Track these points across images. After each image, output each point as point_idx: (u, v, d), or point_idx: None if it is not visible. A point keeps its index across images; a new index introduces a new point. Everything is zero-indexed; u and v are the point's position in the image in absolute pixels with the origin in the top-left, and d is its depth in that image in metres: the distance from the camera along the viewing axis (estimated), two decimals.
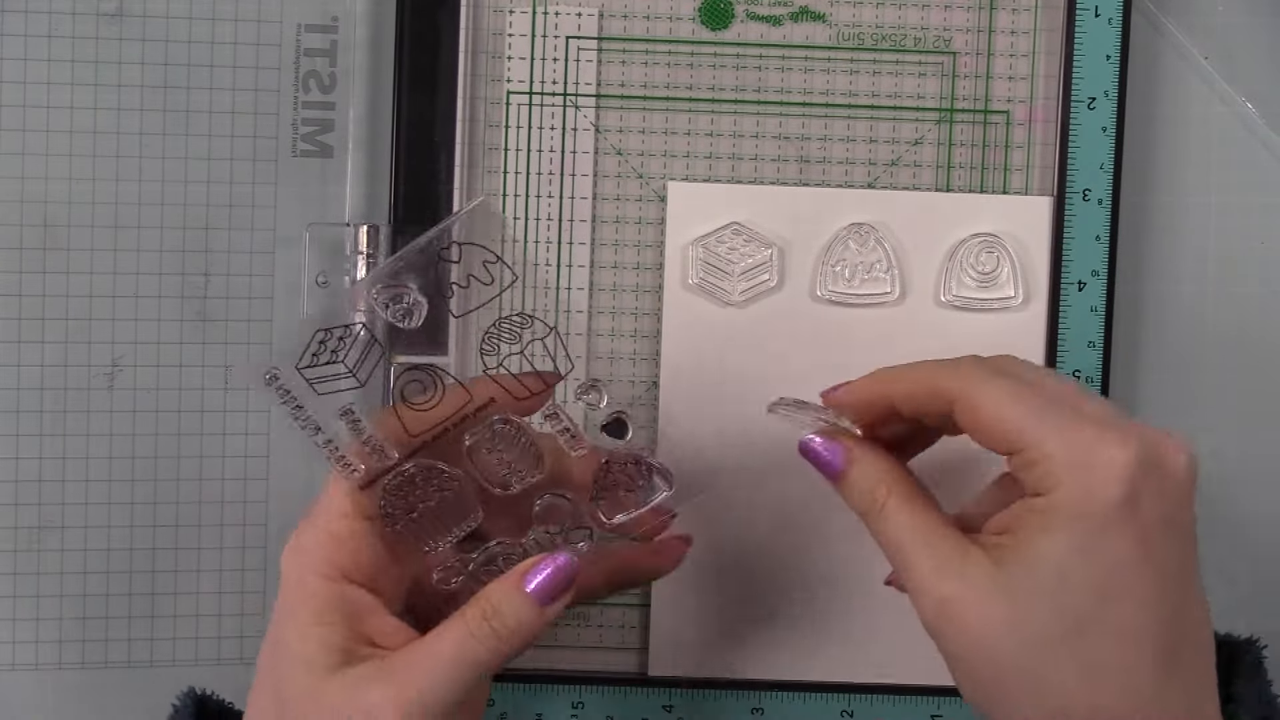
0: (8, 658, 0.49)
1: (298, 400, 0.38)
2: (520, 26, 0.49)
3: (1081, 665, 0.35)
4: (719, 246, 0.48)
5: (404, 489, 0.39)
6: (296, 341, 0.38)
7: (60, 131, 0.49)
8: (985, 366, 0.38)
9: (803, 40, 0.49)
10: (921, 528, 0.38)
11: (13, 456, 0.49)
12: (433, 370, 0.39)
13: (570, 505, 0.41)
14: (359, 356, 0.38)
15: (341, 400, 0.39)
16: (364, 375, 0.38)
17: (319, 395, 0.38)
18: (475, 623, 0.38)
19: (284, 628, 0.39)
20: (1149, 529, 0.35)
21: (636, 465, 0.41)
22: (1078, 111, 0.48)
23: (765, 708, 0.49)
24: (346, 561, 0.39)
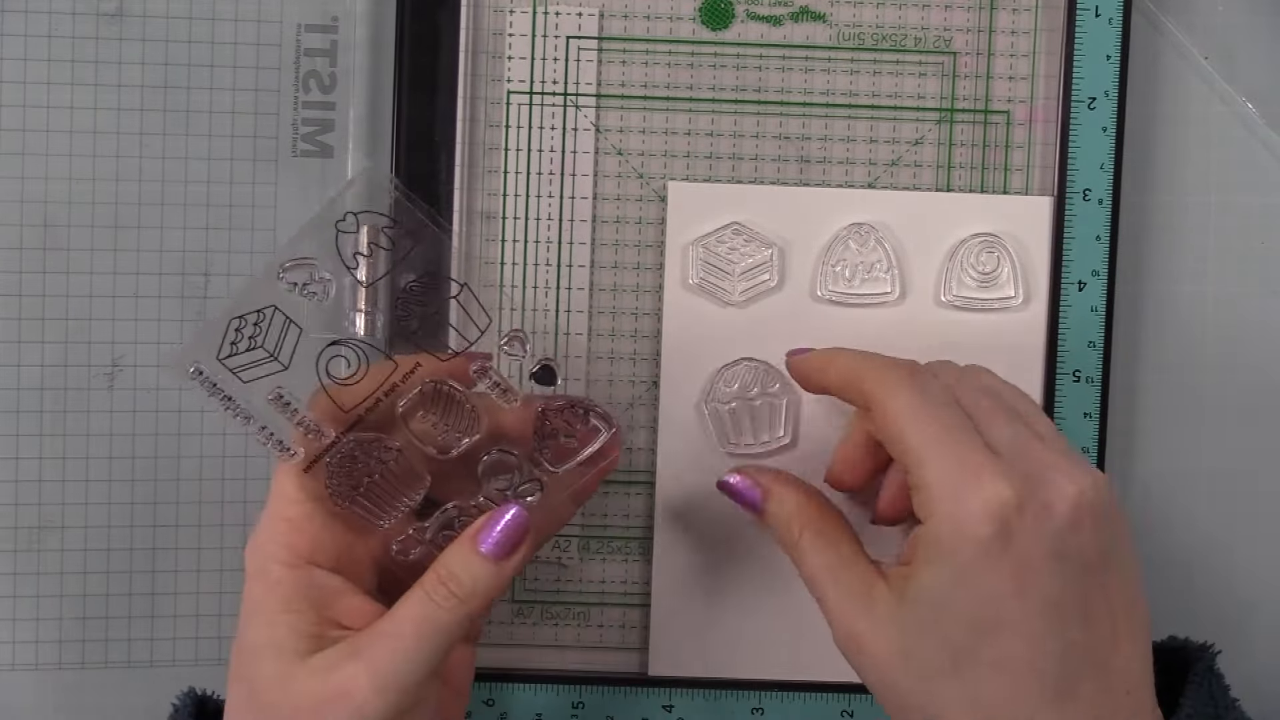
0: (8, 658, 0.49)
1: (225, 391, 0.38)
2: (520, 26, 0.49)
3: (966, 698, 0.35)
4: (719, 246, 0.48)
5: (346, 465, 0.39)
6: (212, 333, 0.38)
7: (60, 131, 0.49)
8: (905, 375, 0.39)
9: (803, 40, 0.49)
10: (832, 563, 0.39)
11: (13, 456, 0.49)
12: (353, 343, 0.39)
13: (515, 459, 0.41)
14: (277, 339, 0.38)
15: (268, 385, 0.39)
16: (285, 357, 0.38)
17: (245, 384, 0.38)
18: (434, 588, 0.38)
19: (252, 619, 0.39)
20: (1027, 563, 0.35)
21: (573, 409, 0.41)
22: (1078, 111, 0.48)
23: (765, 708, 0.49)
24: (306, 545, 0.39)
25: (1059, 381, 0.48)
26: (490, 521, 0.39)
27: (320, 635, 0.38)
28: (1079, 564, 0.36)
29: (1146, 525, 0.51)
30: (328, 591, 0.39)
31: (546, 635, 0.50)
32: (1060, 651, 0.35)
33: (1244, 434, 0.51)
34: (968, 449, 0.36)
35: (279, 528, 0.39)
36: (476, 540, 0.39)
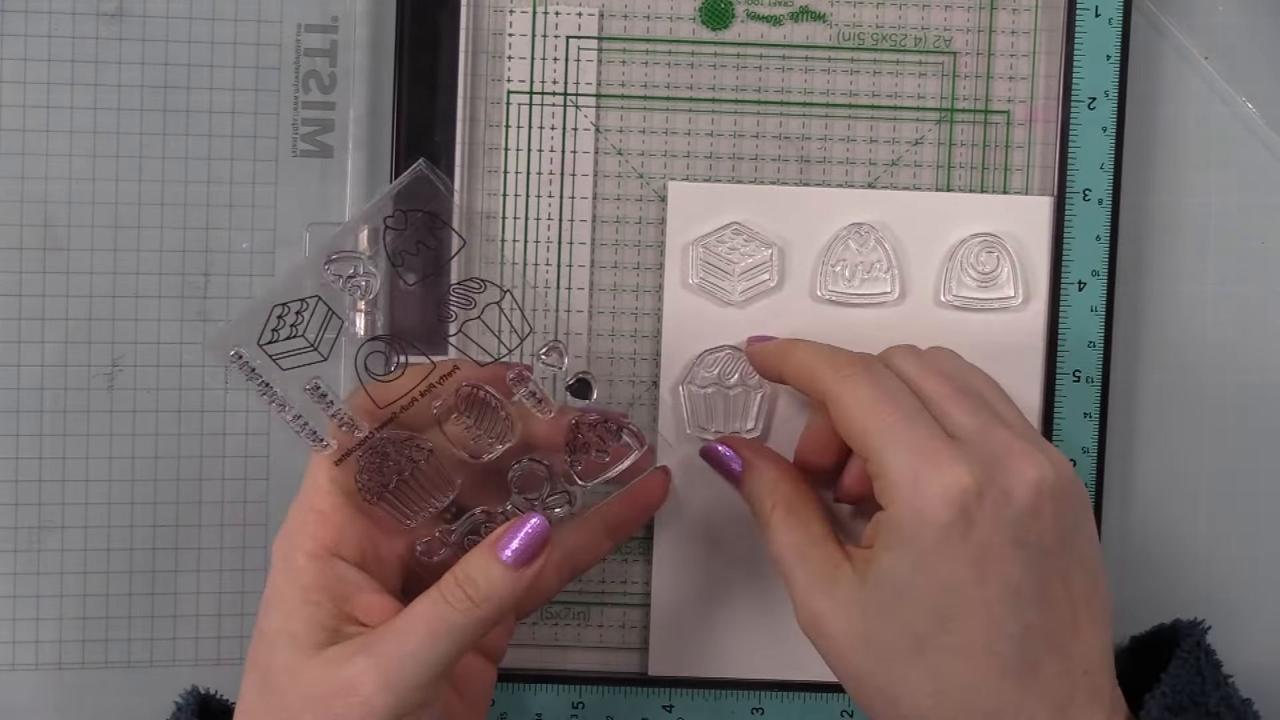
0: (8, 658, 0.49)
1: (264, 377, 0.38)
2: (520, 26, 0.49)
3: (929, 680, 0.36)
4: (719, 246, 0.48)
5: (377, 462, 0.39)
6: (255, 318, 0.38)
7: (60, 131, 0.49)
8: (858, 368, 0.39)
9: (803, 40, 0.49)
10: (800, 542, 0.40)
11: (13, 456, 0.49)
12: (393, 340, 0.39)
13: (545, 470, 0.41)
14: (319, 330, 0.38)
15: (307, 375, 0.39)
16: (325, 349, 0.38)
17: (284, 371, 0.38)
18: (450, 590, 0.38)
19: (272, 608, 0.39)
20: (987, 549, 0.35)
21: (605, 424, 0.41)
22: (1078, 111, 0.48)
23: (765, 708, 0.49)
24: (333, 538, 0.39)
25: (1059, 381, 0.48)
26: (512, 529, 0.39)
27: (336, 629, 0.38)
28: (1038, 549, 0.36)
29: (1146, 525, 0.51)
30: (348, 585, 0.39)
31: (546, 635, 0.50)
32: (1019, 635, 0.36)
33: (1244, 434, 0.51)
34: (925, 436, 0.37)
35: (307, 518, 0.39)
36: (496, 546, 0.39)
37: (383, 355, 0.39)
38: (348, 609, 0.39)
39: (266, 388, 0.38)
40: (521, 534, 0.39)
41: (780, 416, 0.48)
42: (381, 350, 0.39)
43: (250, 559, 0.50)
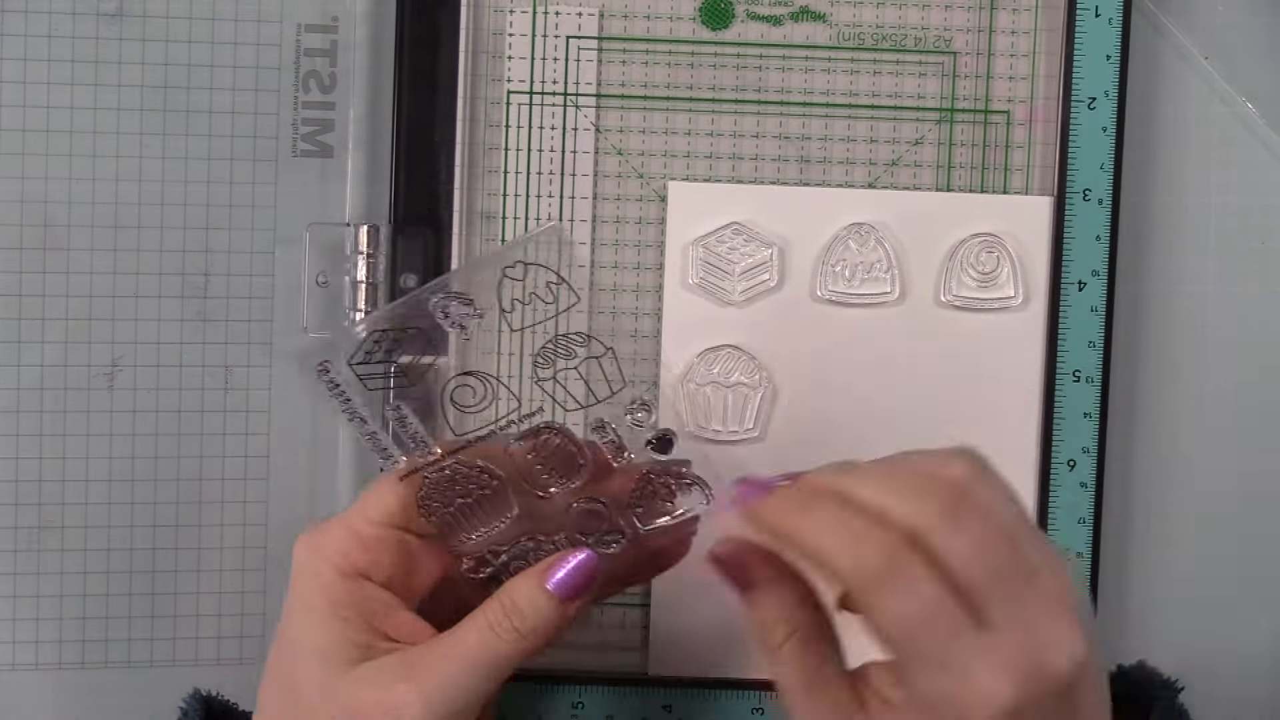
0: (8, 658, 0.49)
1: (346, 393, 0.38)
2: (520, 26, 0.49)
3: None
4: (719, 246, 0.48)
5: (444, 485, 0.40)
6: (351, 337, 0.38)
7: (60, 131, 0.49)
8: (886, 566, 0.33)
9: (803, 40, 0.49)
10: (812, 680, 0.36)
11: (13, 456, 0.49)
12: (483, 376, 0.39)
13: (606, 511, 0.41)
14: (412, 359, 0.38)
15: (390, 397, 0.39)
16: (415, 377, 0.39)
17: (368, 391, 0.39)
18: (497, 618, 0.38)
19: (298, 620, 0.38)
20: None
21: (677, 479, 0.40)
22: (1078, 111, 0.48)
23: (765, 708, 0.49)
24: (365, 563, 0.39)
25: (1059, 381, 0.48)
26: (561, 560, 0.39)
27: (368, 645, 0.38)
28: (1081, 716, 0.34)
29: (1146, 525, 0.51)
30: (377, 604, 0.39)
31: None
32: None
33: (1244, 434, 0.51)
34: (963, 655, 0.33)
35: (344, 536, 0.39)
36: (545, 576, 0.38)
37: (470, 389, 0.39)
38: (377, 625, 0.38)
39: (347, 404, 0.39)
40: (570, 567, 0.39)
41: (780, 416, 0.48)
42: (469, 385, 0.39)
43: (250, 559, 0.50)
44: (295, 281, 0.49)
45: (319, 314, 0.49)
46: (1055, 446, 0.47)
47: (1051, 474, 0.47)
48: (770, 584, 0.37)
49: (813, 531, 0.35)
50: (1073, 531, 0.48)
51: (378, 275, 0.48)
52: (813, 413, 0.48)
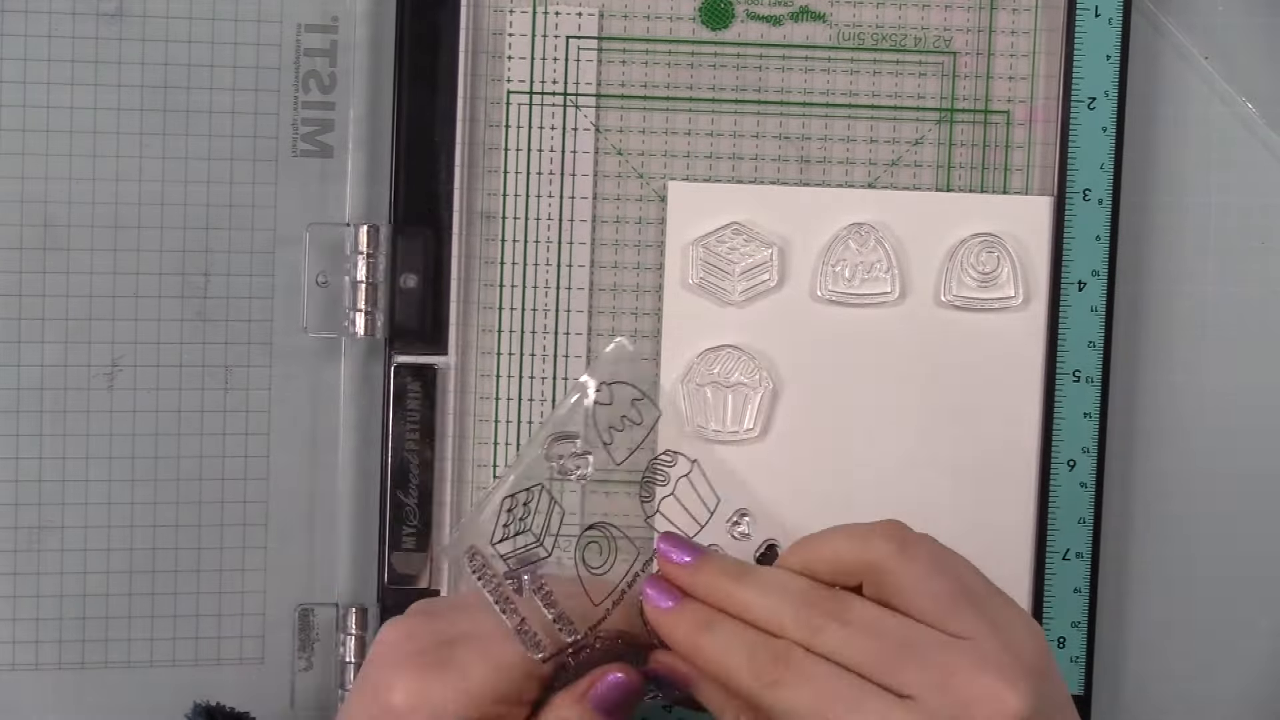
0: (8, 658, 0.49)
1: (496, 578, 0.38)
2: (520, 26, 0.49)
3: None
4: (719, 246, 0.48)
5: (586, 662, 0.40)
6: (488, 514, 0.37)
7: (60, 131, 0.49)
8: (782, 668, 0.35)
9: (803, 40, 0.49)
10: None
11: (13, 456, 0.49)
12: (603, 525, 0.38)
13: None
14: (544, 522, 0.38)
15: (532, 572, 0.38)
16: (548, 543, 0.38)
17: (512, 570, 0.38)
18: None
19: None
20: None
21: None
22: (1078, 111, 0.48)
23: None
24: None
25: (1059, 381, 0.48)
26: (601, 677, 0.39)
27: None
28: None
29: (1147, 525, 0.51)
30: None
31: None
32: None
33: (1244, 434, 0.51)
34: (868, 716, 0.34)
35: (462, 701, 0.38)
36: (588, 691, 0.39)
37: (597, 546, 0.39)
38: None
39: (497, 590, 0.38)
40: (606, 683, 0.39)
41: (780, 416, 0.48)
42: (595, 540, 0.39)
43: (250, 559, 0.50)
44: (295, 281, 0.49)
45: (319, 314, 0.49)
46: (1055, 446, 0.47)
47: (1051, 474, 0.48)
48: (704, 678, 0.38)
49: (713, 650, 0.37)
50: (1073, 531, 0.48)
51: (378, 275, 0.48)
52: (813, 413, 0.48)
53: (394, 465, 0.48)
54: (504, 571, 0.38)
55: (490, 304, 0.49)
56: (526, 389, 0.49)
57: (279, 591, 0.50)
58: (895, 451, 0.48)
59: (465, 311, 0.49)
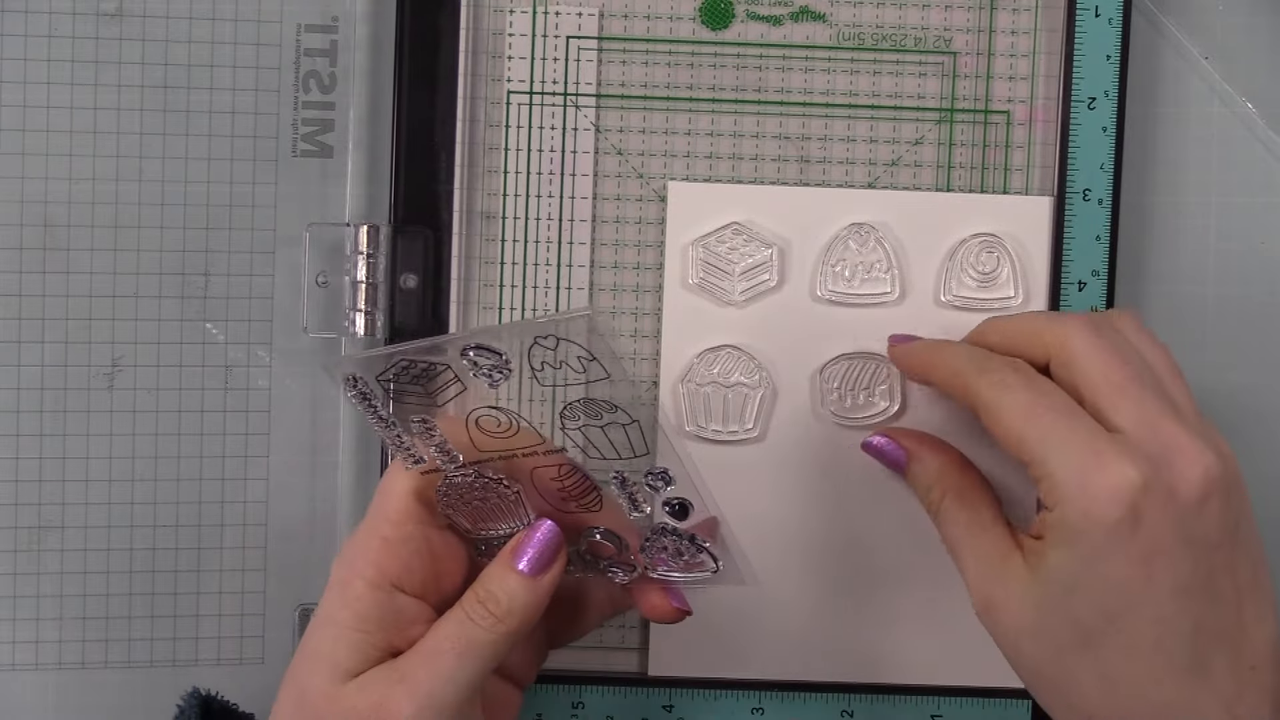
0: (8, 658, 0.49)
1: (372, 401, 0.38)
2: (520, 26, 0.49)
3: (1098, 676, 0.36)
4: (719, 246, 0.48)
5: (463, 488, 0.40)
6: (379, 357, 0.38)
7: (60, 131, 0.49)
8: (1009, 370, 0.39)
9: (803, 40, 0.49)
10: (972, 530, 0.40)
11: (13, 456, 0.49)
12: (510, 412, 0.39)
13: (615, 548, 0.41)
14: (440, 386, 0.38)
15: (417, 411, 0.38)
16: (443, 400, 0.38)
17: (398, 403, 0.38)
18: (471, 607, 0.38)
19: (320, 629, 0.39)
20: (1155, 547, 0.35)
21: (690, 542, 0.40)
22: (1078, 111, 0.48)
23: (765, 708, 0.49)
24: (395, 569, 0.39)
25: None
26: (525, 538, 0.39)
27: (380, 659, 0.38)
28: (1205, 545, 0.36)
29: None
30: (405, 617, 0.39)
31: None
32: (1189, 632, 0.36)
33: (1245, 435, 0.51)
34: (1086, 435, 0.36)
35: (372, 544, 0.39)
36: (513, 558, 0.39)
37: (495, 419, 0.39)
38: (397, 641, 0.39)
39: (373, 409, 0.38)
40: (534, 542, 0.39)
41: (779, 417, 0.48)
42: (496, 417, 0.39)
43: (250, 559, 0.50)
44: (295, 281, 0.49)
45: (319, 314, 0.49)
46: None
47: None
48: (920, 453, 0.43)
49: (948, 357, 0.41)
50: None
51: (378, 275, 0.48)
52: (812, 413, 0.48)
53: None
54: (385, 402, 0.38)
55: (490, 304, 0.49)
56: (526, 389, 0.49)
57: (279, 591, 0.50)
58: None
59: (465, 311, 0.49)
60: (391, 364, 0.37)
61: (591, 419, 0.38)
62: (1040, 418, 0.37)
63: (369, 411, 0.38)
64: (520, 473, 0.40)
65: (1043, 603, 0.37)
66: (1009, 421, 0.38)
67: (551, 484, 0.40)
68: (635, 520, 0.40)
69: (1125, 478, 0.35)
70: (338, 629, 0.38)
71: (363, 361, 0.38)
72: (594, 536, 0.41)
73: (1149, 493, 0.35)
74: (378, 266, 0.48)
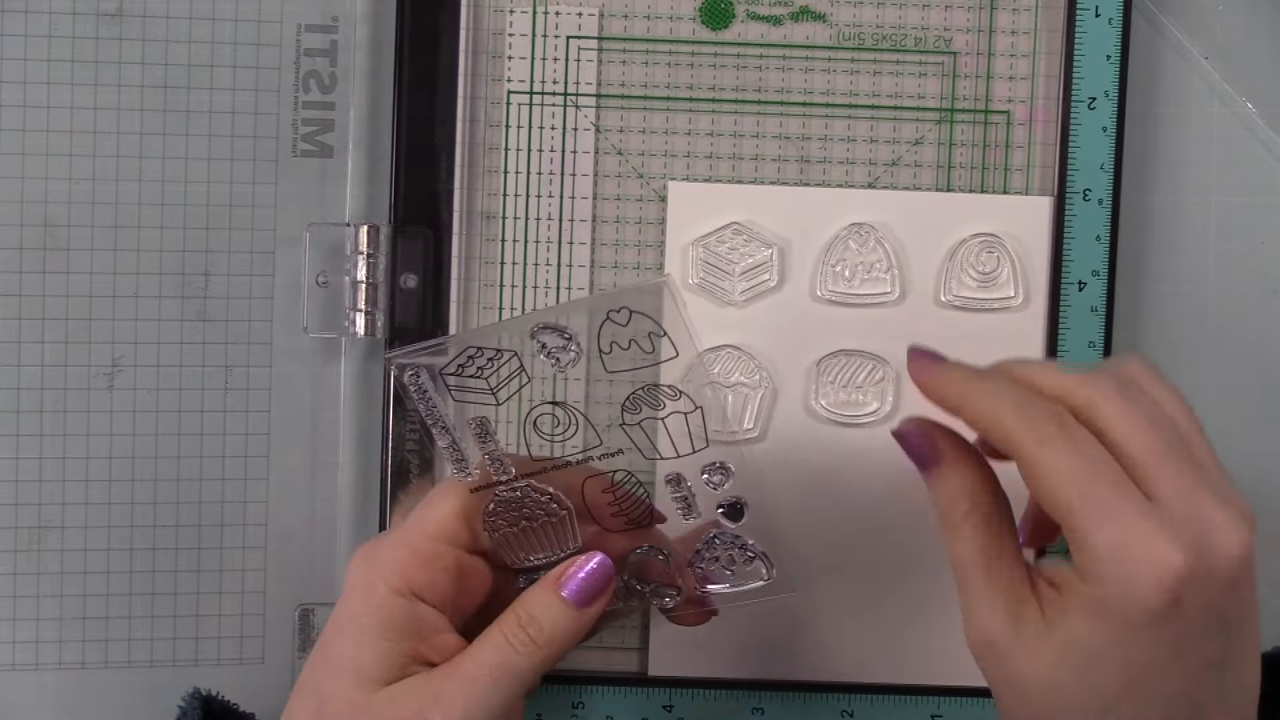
0: (8, 658, 0.49)
1: (431, 398, 0.38)
2: (520, 26, 0.49)
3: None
4: (719, 246, 0.48)
5: (513, 505, 0.39)
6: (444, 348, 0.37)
7: (60, 131, 0.49)
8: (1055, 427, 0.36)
9: (803, 40, 0.49)
10: (990, 558, 0.37)
11: (13, 456, 0.49)
12: (570, 408, 0.38)
13: (663, 564, 0.40)
14: (503, 379, 0.38)
15: (475, 411, 0.38)
16: (504, 396, 0.38)
17: (455, 402, 0.38)
18: (512, 630, 0.38)
19: (342, 634, 0.38)
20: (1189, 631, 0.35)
21: (743, 549, 0.40)
22: (1078, 111, 0.48)
23: (765, 708, 0.49)
24: (420, 581, 0.38)
25: None
26: (575, 566, 0.39)
27: (405, 666, 0.38)
28: (1233, 622, 0.35)
29: None
30: (427, 626, 0.38)
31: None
32: (1201, 701, 0.35)
33: (1245, 435, 0.51)
34: (1134, 513, 0.34)
35: (400, 554, 0.39)
36: (560, 584, 0.38)
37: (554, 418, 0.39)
38: (421, 649, 0.38)
39: (432, 409, 0.38)
40: (584, 572, 0.38)
41: (778, 418, 0.48)
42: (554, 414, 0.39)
43: (250, 559, 0.50)
44: (295, 281, 0.49)
45: (319, 314, 0.49)
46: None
47: None
48: (954, 461, 0.38)
49: (984, 396, 0.36)
50: None
51: (378, 275, 0.48)
52: (812, 413, 0.48)
53: (394, 465, 0.48)
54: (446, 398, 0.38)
55: (490, 304, 0.49)
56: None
57: (279, 591, 0.50)
58: (896, 451, 0.48)
59: (465, 311, 0.49)
60: (459, 354, 0.37)
61: (653, 407, 0.38)
62: (1088, 487, 0.35)
63: (428, 411, 0.38)
64: (571, 488, 0.39)
65: (1062, 666, 0.35)
66: (1054, 485, 0.35)
67: (603, 498, 0.39)
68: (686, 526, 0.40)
69: (1171, 566, 0.34)
70: (361, 634, 0.38)
71: (427, 353, 0.37)
72: (641, 553, 0.40)
73: (1191, 579, 0.34)
74: (378, 266, 0.48)
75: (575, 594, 0.38)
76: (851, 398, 0.48)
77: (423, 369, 0.37)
